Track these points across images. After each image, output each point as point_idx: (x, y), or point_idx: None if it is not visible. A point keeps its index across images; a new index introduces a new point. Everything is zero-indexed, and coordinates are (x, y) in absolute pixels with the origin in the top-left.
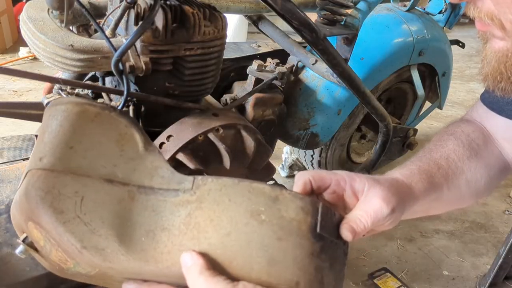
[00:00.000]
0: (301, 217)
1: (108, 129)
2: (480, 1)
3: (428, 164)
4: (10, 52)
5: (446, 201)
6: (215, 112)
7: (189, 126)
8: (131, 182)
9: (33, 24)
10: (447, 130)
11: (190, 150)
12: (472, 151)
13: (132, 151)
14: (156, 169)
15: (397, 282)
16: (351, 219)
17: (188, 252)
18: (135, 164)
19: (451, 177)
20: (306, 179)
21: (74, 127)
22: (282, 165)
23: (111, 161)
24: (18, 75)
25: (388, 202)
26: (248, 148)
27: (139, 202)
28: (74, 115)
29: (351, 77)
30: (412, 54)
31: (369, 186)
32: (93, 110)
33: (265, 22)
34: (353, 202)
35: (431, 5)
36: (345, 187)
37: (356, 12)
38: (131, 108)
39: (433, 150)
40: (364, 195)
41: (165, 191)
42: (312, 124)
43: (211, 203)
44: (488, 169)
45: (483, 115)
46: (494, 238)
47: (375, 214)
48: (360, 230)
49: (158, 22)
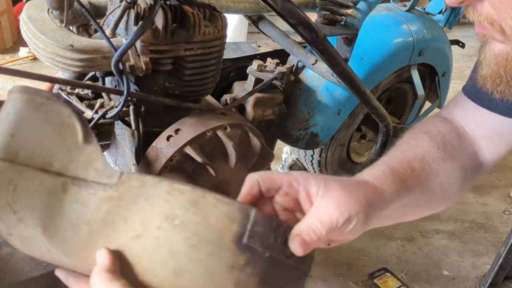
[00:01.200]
0: (224, 224)
1: (51, 119)
2: (479, 4)
3: (401, 165)
4: (10, 52)
5: (418, 205)
6: (223, 112)
7: (198, 122)
8: (66, 173)
9: (33, 24)
10: (423, 128)
11: (198, 144)
12: (447, 153)
13: (71, 142)
14: (91, 162)
15: (397, 282)
16: (301, 229)
17: (101, 250)
18: (72, 155)
19: (424, 180)
20: (254, 180)
21: (19, 115)
22: (282, 165)
23: (50, 150)
24: (18, 75)
25: (344, 209)
26: (253, 149)
27: (71, 194)
28: (21, 103)
29: (351, 77)
30: (412, 54)
31: (324, 189)
32: (39, 99)
33: (265, 22)
34: (308, 207)
35: (431, 5)
36: (298, 189)
37: (356, 12)
38: (131, 108)
39: (407, 149)
40: (318, 200)
41: (96, 185)
42: (312, 124)
43: (128, 202)
44: (462, 171)
45: (469, 112)
46: (494, 238)
47: (329, 222)
48: (312, 241)
49: (158, 22)
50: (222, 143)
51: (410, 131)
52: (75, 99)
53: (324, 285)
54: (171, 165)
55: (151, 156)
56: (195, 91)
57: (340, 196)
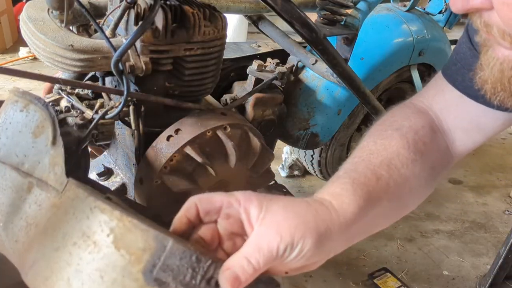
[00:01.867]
0: (135, 252)
1: (29, 120)
2: (486, 14)
3: (365, 175)
4: (10, 52)
5: (387, 215)
6: (223, 112)
7: (198, 122)
8: (34, 174)
9: (33, 24)
10: (393, 122)
11: (198, 144)
12: (418, 154)
13: (42, 144)
14: (53, 166)
15: (397, 282)
16: (233, 262)
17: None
18: (41, 157)
19: (392, 189)
20: (191, 203)
21: (4, 116)
22: (282, 165)
23: (24, 151)
24: (18, 75)
25: (285, 233)
26: (253, 149)
27: (33, 195)
28: (8, 105)
29: (351, 77)
30: (412, 54)
31: (266, 212)
32: (22, 101)
33: (265, 22)
34: (250, 231)
35: (431, 5)
36: (239, 210)
37: (356, 12)
38: (131, 108)
39: (374, 153)
40: (258, 224)
41: (52, 189)
42: (312, 124)
43: (63, 212)
44: (432, 170)
45: (451, 101)
46: (494, 238)
47: (268, 250)
48: (247, 276)
49: (158, 22)
50: (222, 143)
51: (379, 123)
52: (75, 99)
53: (324, 285)
54: (171, 165)
55: (151, 156)
56: (195, 91)
57: (283, 219)
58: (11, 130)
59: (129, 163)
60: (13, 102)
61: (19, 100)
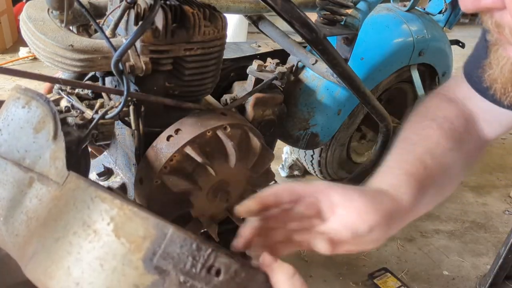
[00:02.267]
0: (135, 240)
1: (31, 116)
2: (498, 14)
3: (415, 165)
4: (10, 52)
5: (429, 202)
6: (223, 112)
7: (198, 122)
8: (35, 169)
9: (33, 24)
10: (428, 113)
11: (198, 144)
12: (455, 143)
13: (43, 139)
14: (54, 160)
15: (397, 282)
16: (329, 230)
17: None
18: (42, 152)
19: (436, 177)
20: (281, 189)
21: (6, 113)
22: (282, 165)
23: (25, 146)
24: (18, 75)
25: (366, 217)
26: (253, 149)
27: (34, 189)
28: (10, 101)
29: (351, 77)
30: (412, 54)
31: (346, 198)
32: (24, 98)
33: (265, 22)
34: (330, 216)
35: (431, 5)
36: (320, 198)
37: (356, 12)
38: (131, 108)
39: (417, 143)
40: (341, 208)
41: (53, 183)
42: (312, 124)
43: (63, 203)
44: (467, 158)
45: (467, 95)
46: (494, 238)
47: (353, 230)
48: (337, 243)
49: (158, 22)
50: (222, 143)
51: (415, 116)
52: (75, 99)
53: (324, 285)
54: (171, 165)
55: (151, 156)
56: (195, 91)
57: (362, 204)
58: (13, 126)
59: (129, 163)
60: (15, 99)
61: (21, 97)
